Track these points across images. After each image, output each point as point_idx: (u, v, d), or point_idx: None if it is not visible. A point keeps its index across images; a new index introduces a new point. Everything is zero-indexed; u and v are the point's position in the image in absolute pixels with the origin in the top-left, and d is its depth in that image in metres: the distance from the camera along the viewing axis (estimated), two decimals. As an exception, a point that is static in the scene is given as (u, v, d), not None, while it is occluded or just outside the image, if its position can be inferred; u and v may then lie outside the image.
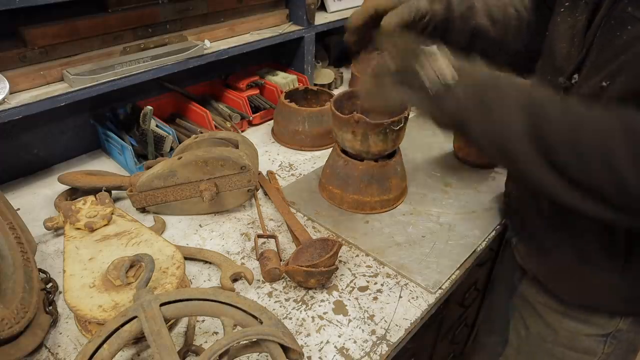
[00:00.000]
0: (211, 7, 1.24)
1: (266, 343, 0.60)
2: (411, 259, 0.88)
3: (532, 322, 0.87)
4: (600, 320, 0.77)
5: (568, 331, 0.80)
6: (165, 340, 0.58)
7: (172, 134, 1.14)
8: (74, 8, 0.99)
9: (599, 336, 0.78)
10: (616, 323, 0.76)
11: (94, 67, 1.01)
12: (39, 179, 1.11)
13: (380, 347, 0.72)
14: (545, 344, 0.84)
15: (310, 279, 0.79)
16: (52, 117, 1.10)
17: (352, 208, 1.01)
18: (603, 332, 0.78)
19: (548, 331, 0.83)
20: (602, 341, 0.78)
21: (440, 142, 1.29)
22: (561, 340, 0.82)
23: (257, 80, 1.42)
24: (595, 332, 0.78)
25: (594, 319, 0.77)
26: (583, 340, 0.80)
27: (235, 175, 0.95)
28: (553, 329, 0.82)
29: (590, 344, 0.79)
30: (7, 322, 0.63)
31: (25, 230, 0.83)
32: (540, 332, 0.85)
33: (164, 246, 0.80)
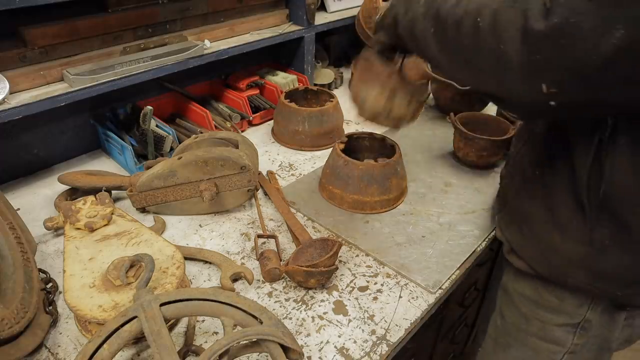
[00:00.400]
0: (211, 7, 1.24)
1: (266, 343, 0.60)
2: (411, 259, 0.88)
3: (508, 312, 0.88)
4: (569, 307, 0.77)
5: (539, 321, 0.81)
6: (165, 340, 0.58)
7: (172, 134, 1.14)
8: (74, 8, 0.99)
9: (568, 326, 0.79)
10: (584, 312, 0.76)
11: (94, 67, 1.01)
12: (39, 179, 1.11)
13: (380, 347, 0.72)
14: (519, 334, 0.85)
15: (310, 279, 0.79)
16: (52, 117, 1.10)
17: (352, 208, 1.01)
18: (572, 322, 0.78)
19: (522, 320, 0.84)
20: (572, 332, 0.79)
21: (440, 142, 1.29)
22: (532, 329, 0.83)
23: (257, 80, 1.42)
24: (564, 322, 0.79)
25: (563, 307, 0.78)
26: (553, 329, 0.80)
27: (235, 175, 0.95)
28: (526, 318, 0.83)
29: (560, 334, 0.80)
30: (7, 322, 0.63)
31: (25, 230, 0.83)
32: (515, 321, 0.86)
33: (164, 246, 0.80)
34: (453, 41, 0.59)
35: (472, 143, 1.14)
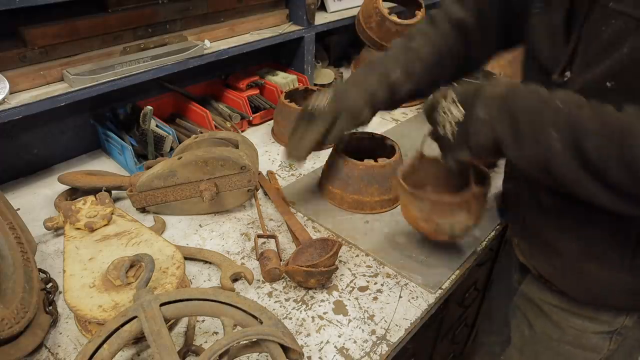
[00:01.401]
0: (211, 7, 1.24)
1: (266, 343, 0.60)
2: (411, 259, 0.88)
3: (537, 321, 0.87)
4: (606, 317, 0.77)
5: (575, 329, 0.80)
6: (165, 340, 0.58)
7: (172, 134, 1.14)
8: (74, 8, 0.99)
9: (605, 333, 0.78)
10: (622, 320, 0.76)
11: (94, 67, 1.01)
12: (39, 179, 1.11)
13: (380, 347, 0.72)
14: (551, 343, 0.84)
15: (310, 279, 0.79)
16: (52, 117, 1.10)
17: (352, 208, 1.01)
18: (609, 329, 0.78)
19: (554, 330, 0.83)
20: (608, 338, 0.78)
21: (440, 142, 1.28)
22: (567, 338, 0.82)
23: (257, 80, 1.42)
24: (601, 329, 0.78)
25: (600, 316, 0.77)
26: (590, 337, 0.80)
27: (235, 175, 0.95)
28: (560, 327, 0.82)
29: (596, 341, 0.79)
30: (7, 322, 0.63)
31: (25, 230, 0.83)
32: (546, 331, 0.85)
33: (164, 246, 0.80)
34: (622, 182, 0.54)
35: (472, 143, 1.13)
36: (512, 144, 0.61)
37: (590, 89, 0.62)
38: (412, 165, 0.87)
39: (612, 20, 0.58)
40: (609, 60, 0.59)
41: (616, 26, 0.58)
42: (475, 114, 0.63)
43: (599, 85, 0.61)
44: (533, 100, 0.60)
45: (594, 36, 0.61)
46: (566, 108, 0.57)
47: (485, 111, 0.63)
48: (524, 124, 0.59)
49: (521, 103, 0.61)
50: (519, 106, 0.60)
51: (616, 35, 0.58)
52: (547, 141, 0.57)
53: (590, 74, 0.62)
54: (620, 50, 0.57)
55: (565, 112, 0.57)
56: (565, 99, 0.59)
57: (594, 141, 0.54)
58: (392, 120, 1.42)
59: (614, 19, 0.58)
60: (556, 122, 0.57)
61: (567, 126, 0.56)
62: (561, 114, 0.57)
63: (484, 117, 0.62)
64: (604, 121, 0.55)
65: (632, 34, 0.56)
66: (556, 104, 0.58)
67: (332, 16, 1.55)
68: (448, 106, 0.67)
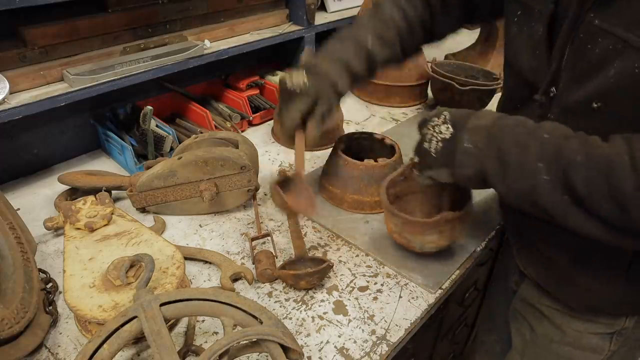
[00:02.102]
0: (211, 7, 1.24)
1: (266, 343, 0.60)
2: (411, 259, 0.88)
3: (538, 324, 0.86)
4: (606, 320, 0.77)
5: (575, 330, 0.80)
6: (165, 340, 0.58)
7: (172, 134, 1.14)
8: (74, 8, 0.99)
9: (605, 334, 0.78)
10: (622, 322, 0.76)
11: (94, 67, 1.01)
12: (39, 179, 1.11)
13: (380, 347, 0.72)
14: (552, 345, 0.84)
15: (300, 281, 0.79)
16: (52, 117, 1.10)
17: (352, 208, 1.00)
18: (610, 331, 0.78)
19: (555, 332, 0.83)
20: (608, 338, 0.78)
21: (440, 142, 1.28)
22: (568, 339, 0.82)
23: (257, 80, 1.42)
24: (602, 331, 0.78)
25: (600, 319, 0.78)
26: (590, 338, 0.80)
27: (235, 175, 0.95)
28: (560, 329, 0.82)
29: (597, 342, 0.79)
30: (7, 322, 0.63)
31: (25, 230, 0.83)
32: (547, 333, 0.85)
33: (164, 246, 0.80)
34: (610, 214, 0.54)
35: (472, 143, 1.14)
36: (498, 177, 0.61)
37: (577, 108, 0.62)
38: (401, 174, 0.89)
39: (598, 38, 0.57)
40: (596, 81, 0.58)
41: (603, 45, 0.56)
42: (461, 143, 0.63)
43: (585, 106, 0.60)
44: (520, 132, 0.59)
45: (581, 54, 0.60)
46: (552, 139, 0.57)
47: (471, 141, 0.62)
48: (510, 156, 0.59)
49: (508, 135, 0.60)
50: (506, 139, 0.60)
51: (603, 55, 0.56)
52: (534, 174, 0.57)
53: (577, 93, 0.61)
54: (607, 71, 0.56)
55: (552, 144, 0.56)
56: (551, 130, 0.58)
57: (582, 173, 0.53)
58: (392, 120, 1.42)
59: (601, 37, 0.56)
60: (543, 154, 0.56)
61: (554, 158, 0.55)
62: (548, 145, 0.57)
63: (470, 148, 0.62)
64: (591, 153, 0.54)
65: (619, 55, 0.54)
66: (542, 136, 0.57)
67: (332, 16, 1.55)
68: (439, 123, 0.67)
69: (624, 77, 0.55)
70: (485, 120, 0.63)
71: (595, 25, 0.57)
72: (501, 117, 0.63)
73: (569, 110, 0.63)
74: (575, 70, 0.61)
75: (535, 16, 0.66)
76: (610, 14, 0.55)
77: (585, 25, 0.58)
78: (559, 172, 0.55)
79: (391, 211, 0.82)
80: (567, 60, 0.62)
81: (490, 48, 1.66)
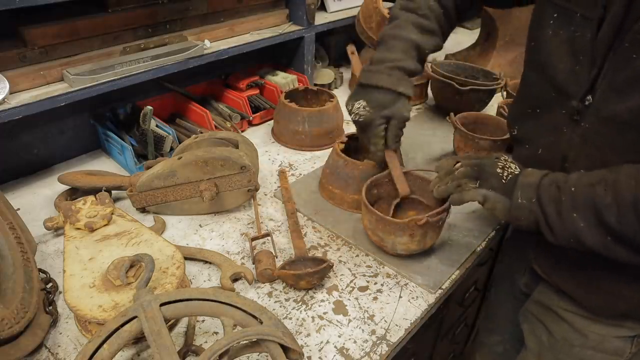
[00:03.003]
0: (211, 7, 1.24)
1: (266, 343, 0.60)
2: (411, 259, 0.88)
3: (556, 328, 0.86)
4: (630, 324, 0.77)
5: (598, 334, 0.80)
6: (165, 340, 0.58)
7: (172, 134, 1.14)
8: (74, 8, 0.99)
9: (627, 337, 0.78)
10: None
11: (94, 67, 1.01)
12: (39, 179, 1.11)
13: (380, 347, 0.72)
14: (573, 349, 0.83)
15: (300, 281, 0.79)
16: (52, 117, 1.10)
17: (352, 208, 1.00)
18: (632, 334, 0.78)
19: (576, 335, 0.82)
20: (630, 341, 0.78)
21: (440, 142, 1.29)
22: (590, 343, 0.81)
23: (257, 80, 1.42)
24: (624, 334, 0.78)
25: (624, 324, 0.77)
26: (612, 341, 0.79)
27: (235, 175, 0.95)
28: (582, 333, 0.81)
29: (618, 345, 0.79)
30: (7, 322, 0.63)
31: (25, 230, 0.83)
32: (567, 337, 0.84)
33: (164, 246, 0.80)
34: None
35: (472, 143, 1.14)
36: (545, 229, 0.67)
37: (619, 119, 0.62)
38: (387, 176, 0.93)
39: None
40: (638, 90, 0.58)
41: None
42: (516, 198, 0.69)
43: (634, 117, 0.60)
44: (552, 190, 0.66)
45: (625, 65, 0.59)
46: (580, 190, 0.63)
47: (523, 197, 0.68)
48: (550, 211, 0.65)
49: (546, 193, 0.66)
50: (545, 197, 0.66)
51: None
52: (573, 223, 0.63)
53: (619, 104, 0.61)
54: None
55: (581, 194, 0.62)
56: (578, 181, 0.64)
57: (613, 214, 0.59)
58: (392, 120, 1.42)
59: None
60: (575, 205, 0.62)
61: (586, 206, 0.61)
62: (577, 197, 0.62)
63: (524, 203, 0.68)
64: (617, 193, 0.59)
65: None
66: (570, 189, 0.63)
67: (332, 16, 1.55)
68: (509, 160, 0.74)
69: None
70: (533, 178, 0.69)
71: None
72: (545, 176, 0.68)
73: (609, 120, 0.63)
74: (617, 79, 0.61)
75: (576, 20, 0.65)
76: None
77: (633, 34, 0.58)
78: (593, 217, 0.61)
79: (367, 207, 0.84)
80: (608, 69, 0.62)
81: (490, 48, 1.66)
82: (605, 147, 0.66)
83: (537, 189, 0.67)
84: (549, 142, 0.74)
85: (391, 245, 0.85)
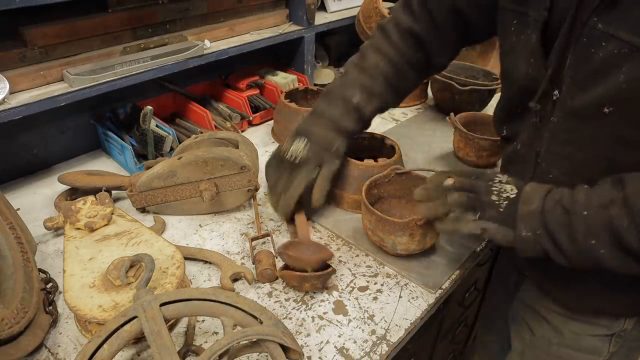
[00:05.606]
0: (211, 7, 1.24)
1: (266, 343, 0.61)
2: (411, 259, 0.88)
3: (537, 326, 0.86)
4: (605, 322, 0.77)
5: (573, 332, 0.80)
6: (165, 340, 0.58)
7: (172, 134, 1.14)
8: (74, 8, 0.99)
9: (604, 336, 0.78)
10: (621, 323, 0.76)
11: (94, 67, 1.01)
12: (39, 179, 1.11)
13: (380, 347, 0.72)
14: (551, 347, 0.84)
15: (305, 283, 0.79)
16: (52, 117, 1.10)
17: (352, 208, 1.00)
18: (609, 332, 0.78)
19: (553, 334, 0.83)
20: (607, 340, 0.78)
21: (440, 142, 1.29)
22: (567, 341, 0.82)
23: (257, 80, 1.42)
24: (601, 332, 0.78)
25: (599, 321, 0.77)
26: (589, 340, 0.79)
27: (235, 175, 0.95)
28: (559, 331, 0.82)
29: (595, 344, 0.79)
30: (7, 322, 0.63)
31: (25, 230, 0.83)
32: (545, 334, 0.85)
33: (164, 246, 0.80)
34: None
35: (472, 143, 1.14)
36: (559, 257, 0.63)
37: (585, 113, 0.62)
38: (386, 176, 0.93)
39: (602, 43, 0.57)
40: (604, 85, 0.58)
41: (608, 50, 0.56)
42: (519, 231, 0.64)
43: (595, 110, 0.60)
44: (558, 214, 0.61)
45: (584, 59, 0.60)
46: (593, 215, 0.59)
47: (528, 229, 0.63)
48: (562, 238, 0.61)
49: (553, 219, 0.62)
50: (552, 223, 0.62)
51: (609, 60, 0.57)
52: (591, 250, 0.59)
53: (583, 97, 0.61)
54: (616, 76, 0.56)
55: (595, 219, 0.59)
56: (588, 204, 0.60)
57: (633, 235, 0.56)
58: (392, 120, 1.42)
59: (605, 41, 0.56)
60: (591, 231, 0.59)
61: (603, 232, 0.58)
62: (592, 223, 0.59)
63: (528, 236, 0.63)
64: (632, 213, 0.56)
65: (628, 60, 0.55)
66: (582, 213, 0.59)
67: (332, 16, 1.55)
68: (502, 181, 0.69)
69: (637, 81, 0.55)
70: (534, 205, 0.64)
71: (599, 29, 0.57)
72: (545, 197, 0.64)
73: (575, 114, 0.63)
74: (579, 74, 0.61)
75: (530, 24, 0.66)
76: (614, 18, 0.55)
77: (589, 29, 0.58)
78: (612, 241, 0.58)
79: (367, 207, 0.84)
80: (570, 65, 0.62)
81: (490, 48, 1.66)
82: (569, 142, 0.66)
83: (540, 216, 0.63)
84: (526, 138, 0.75)
85: (391, 245, 0.85)
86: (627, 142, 0.60)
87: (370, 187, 0.91)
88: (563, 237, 0.61)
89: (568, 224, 0.60)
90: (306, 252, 0.82)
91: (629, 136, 0.59)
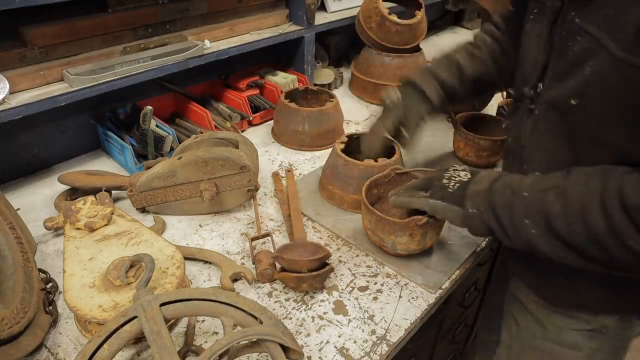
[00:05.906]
0: (211, 7, 1.24)
1: (266, 343, 0.61)
2: (411, 259, 0.88)
3: (522, 319, 0.87)
4: (585, 316, 0.77)
5: (556, 325, 0.81)
6: (165, 340, 0.58)
7: (172, 134, 1.14)
8: (74, 8, 0.99)
9: (584, 331, 0.79)
10: (601, 319, 0.77)
11: (94, 67, 1.01)
12: (39, 179, 1.11)
13: (380, 347, 0.72)
14: (535, 340, 0.85)
15: (302, 283, 0.79)
16: (52, 117, 1.10)
17: (352, 208, 1.00)
18: (589, 327, 0.78)
19: (537, 327, 0.84)
20: (588, 335, 0.79)
21: (440, 142, 1.29)
22: (549, 335, 0.82)
23: (257, 80, 1.42)
24: (581, 327, 0.78)
25: (580, 315, 0.78)
26: (570, 334, 0.80)
27: (235, 175, 0.95)
28: (541, 324, 0.83)
29: (576, 338, 0.80)
30: (7, 322, 0.63)
31: (25, 230, 0.83)
32: (530, 327, 0.85)
33: (164, 246, 0.80)
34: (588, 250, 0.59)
35: (472, 143, 1.14)
36: (501, 234, 0.67)
37: (558, 104, 0.64)
38: (386, 176, 0.94)
39: (577, 37, 0.58)
40: (574, 78, 0.60)
41: (581, 44, 0.58)
42: (467, 208, 0.69)
43: (565, 102, 0.62)
44: (507, 194, 0.65)
45: (563, 52, 0.61)
46: (532, 197, 0.62)
47: (474, 207, 0.68)
48: (504, 217, 0.65)
49: (498, 199, 0.66)
50: (497, 203, 0.66)
51: (580, 53, 0.58)
52: (525, 230, 0.63)
53: (558, 89, 0.63)
54: (584, 69, 0.58)
55: (532, 201, 0.62)
56: (531, 186, 0.64)
57: (562, 222, 0.59)
58: (392, 120, 1.42)
59: (580, 35, 0.58)
60: (527, 212, 0.62)
61: (537, 214, 0.61)
62: (529, 204, 0.62)
63: (475, 213, 0.68)
64: (566, 201, 0.59)
65: (594, 54, 0.56)
66: (523, 194, 0.63)
67: (332, 16, 1.55)
68: (458, 169, 0.76)
69: (598, 75, 0.57)
70: (482, 185, 0.69)
71: (576, 23, 0.59)
72: (496, 180, 0.68)
73: (552, 105, 0.65)
74: (557, 66, 0.63)
75: (546, 14, 0.68)
76: (588, 13, 0.57)
77: (568, 23, 0.60)
78: (543, 224, 0.61)
79: (368, 207, 0.84)
80: (553, 55, 0.64)
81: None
82: (548, 135, 0.67)
83: (486, 196, 0.67)
84: (515, 132, 0.77)
85: (391, 245, 0.85)
86: (592, 138, 0.61)
87: (370, 187, 0.91)
88: (505, 216, 0.65)
89: (511, 204, 0.64)
90: (302, 253, 0.82)
91: (594, 132, 0.61)
